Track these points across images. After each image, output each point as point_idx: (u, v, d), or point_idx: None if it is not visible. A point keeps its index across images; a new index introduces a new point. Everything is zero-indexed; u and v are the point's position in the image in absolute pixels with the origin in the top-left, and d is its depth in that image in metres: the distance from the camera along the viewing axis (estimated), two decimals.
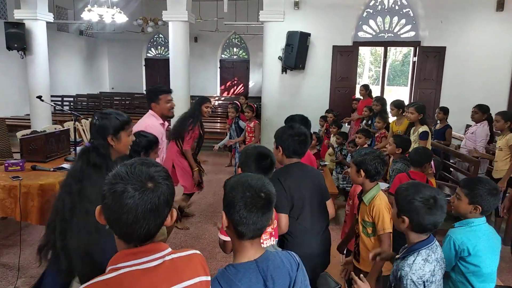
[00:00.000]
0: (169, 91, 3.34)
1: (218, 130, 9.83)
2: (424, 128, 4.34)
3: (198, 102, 4.26)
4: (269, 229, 1.94)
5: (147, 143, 2.62)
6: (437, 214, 1.58)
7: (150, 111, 3.34)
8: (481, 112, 4.71)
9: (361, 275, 1.76)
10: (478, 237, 1.92)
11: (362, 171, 2.20)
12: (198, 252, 1.15)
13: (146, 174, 1.00)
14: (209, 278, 1.13)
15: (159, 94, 3.28)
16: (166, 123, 3.46)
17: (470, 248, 1.88)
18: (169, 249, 1.07)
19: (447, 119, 5.34)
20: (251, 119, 5.67)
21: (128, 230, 0.98)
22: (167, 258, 1.05)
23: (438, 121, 5.41)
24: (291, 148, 2.24)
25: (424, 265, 1.57)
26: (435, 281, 1.59)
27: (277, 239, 2.04)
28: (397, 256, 1.73)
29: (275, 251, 1.30)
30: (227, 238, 1.78)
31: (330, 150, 5.63)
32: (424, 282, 1.55)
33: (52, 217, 1.79)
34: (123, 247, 1.03)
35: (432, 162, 3.38)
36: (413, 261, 1.57)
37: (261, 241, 1.71)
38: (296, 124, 2.36)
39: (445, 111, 5.28)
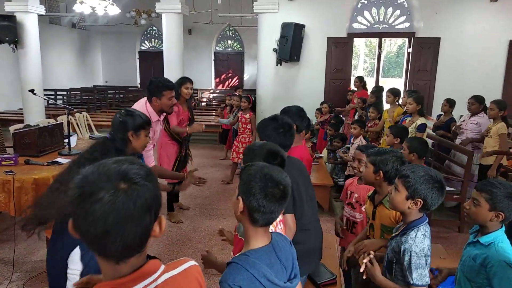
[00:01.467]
0: (174, 87, 3.26)
1: (214, 123, 9.80)
2: (422, 120, 4.36)
3: (177, 83, 4.10)
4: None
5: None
6: (443, 195, 1.68)
7: (146, 103, 3.24)
8: (477, 103, 4.73)
9: (371, 256, 1.77)
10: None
11: (381, 172, 2.07)
12: (193, 263, 1.03)
13: (117, 173, 0.81)
14: None
15: (163, 89, 3.18)
16: (162, 117, 3.40)
17: None
18: (162, 268, 0.92)
19: (452, 112, 5.32)
20: (246, 110, 5.68)
21: (100, 243, 0.79)
22: (160, 280, 0.89)
23: (443, 113, 5.38)
24: (277, 142, 2.06)
25: (424, 239, 1.66)
26: (430, 255, 1.68)
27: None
28: (395, 234, 1.78)
29: (272, 232, 1.38)
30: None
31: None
32: (425, 254, 1.64)
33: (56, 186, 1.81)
34: (105, 267, 0.85)
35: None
36: (415, 235, 1.66)
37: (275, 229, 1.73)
38: (279, 115, 2.26)
39: (452, 103, 5.21)
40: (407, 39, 7.88)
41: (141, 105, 3.25)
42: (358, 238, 2.32)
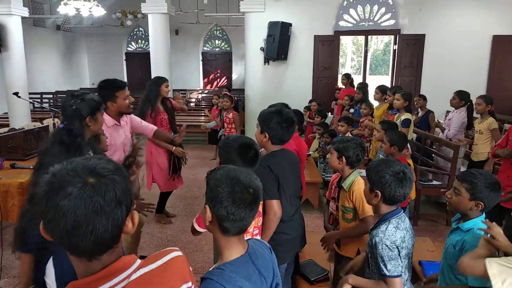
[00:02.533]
0: (125, 85, 3.00)
1: (202, 123, 9.77)
2: (407, 115, 4.40)
3: (155, 82, 3.97)
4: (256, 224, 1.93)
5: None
6: (407, 186, 1.71)
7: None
8: (458, 98, 4.81)
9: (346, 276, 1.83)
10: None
11: (343, 157, 2.23)
12: (177, 254, 1.00)
13: (85, 168, 0.81)
14: (189, 284, 0.99)
15: (115, 90, 2.92)
16: (125, 119, 3.16)
17: None
18: (137, 263, 0.89)
19: (426, 105, 5.45)
20: (229, 110, 5.64)
21: (70, 239, 0.78)
22: (134, 276, 0.86)
23: (419, 109, 5.49)
24: (279, 136, 2.14)
25: (396, 231, 1.69)
26: (406, 247, 1.71)
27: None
28: (370, 228, 1.85)
29: (249, 239, 1.30)
30: (202, 230, 1.80)
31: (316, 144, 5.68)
32: (397, 246, 1.67)
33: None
34: (78, 265, 0.84)
35: (408, 144, 3.44)
36: (386, 228, 1.71)
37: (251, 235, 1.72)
38: (284, 109, 2.23)
39: (424, 97, 5.41)
40: (392, 36, 7.96)
41: None
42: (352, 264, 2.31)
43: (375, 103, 5.44)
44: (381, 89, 5.20)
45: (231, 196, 1.13)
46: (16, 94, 4.25)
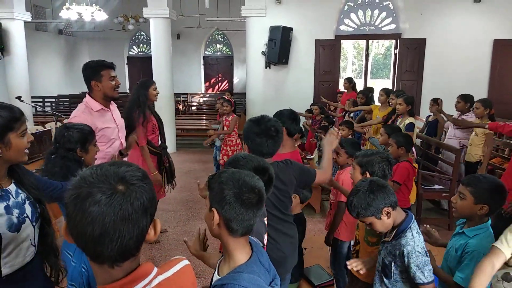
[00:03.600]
0: (112, 66, 2.75)
1: (204, 127, 9.79)
2: (411, 119, 4.39)
3: (142, 85, 3.58)
4: None
5: (81, 135, 2.09)
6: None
7: (85, 99, 2.75)
8: (463, 101, 4.81)
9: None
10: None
11: (367, 173, 2.08)
12: (186, 262, 1.01)
13: (115, 175, 0.81)
14: None
15: (101, 69, 2.67)
16: (113, 106, 2.89)
17: None
18: (155, 270, 0.90)
19: (439, 110, 5.38)
20: (229, 114, 5.65)
21: (96, 246, 0.78)
22: (154, 283, 0.88)
23: (431, 113, 5.44)
24: (258, 149, 1.90)
25: (419, 236, 1.69)
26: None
27: None
28: (386, 239, 1.76)
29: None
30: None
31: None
32: (425, 252, 1.67)
33: None
34: (98, 272, 0.84)
35: (413, 148, 3.45)
36: (411, 236, 1.67)
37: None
38: (265, 117, 2.00)
39: (438, 102, 5.30)
40: (393, 41, 7.99)
41: (80, 107, 2.75)
42: (332, 226, 2.45)
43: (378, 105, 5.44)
44: (386, 92, 5.22)
45: (240, 197, 1.15)
46: (18, 98, 4.28)
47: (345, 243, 2.58)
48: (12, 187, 1.54)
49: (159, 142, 3.77)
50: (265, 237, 1.70)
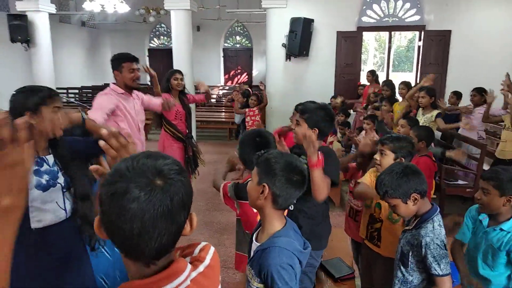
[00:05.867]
0: (135, 60, 3.05)
1: (223, 119, 9.84)
2: (436, 111, 4.37)
3: (166, 77, 3.93)
4: None
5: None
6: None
7: (110, 84, 3.09)
8: (479, 94, 4.76)
9: None
10: None
11: (402, 159, 2.12)
12: (213, 250, 0.98)
13: (153, 169, 0.77)
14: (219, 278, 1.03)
15: (122, 61, 2.99)
16: (135, 93, 3.18)
17: None
18: (189, 267, 0.87)
19: (459, 104, 5.30)
20: (256, 107, 5.94)
21: (134, 244, 0.75)
22: (189, 279, 0.85)
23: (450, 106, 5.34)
24: (326, 131, 2.15)
25: (441, 229, 1.70)
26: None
27: None
28: (408, 228, 1.80)
29: None
30: (222, 198, 2.14)
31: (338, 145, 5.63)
32: (445, 244, 1.69)
33: None
34: (133, 269, 0.81)
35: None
36: (433, 227, 1.69)
37: None
38: (327, 104, 2.24)
39: (458, 95, 5.24)
40: (417, 32, 7.80)
41: (104, 90, 3.06)
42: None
43: (400, 99, 5.35)
44: (407, 85, 5.14)
45: (289, 178, 1.37)
46: None
47: None
48: (50, 157, 1.76)
49: (187, 131, 4.00)
50: None
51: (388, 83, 5.73)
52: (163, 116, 3.89)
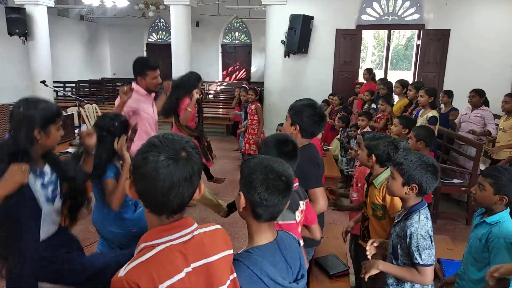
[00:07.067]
0: (157, 67, 3.28)
1: (220, 116, 9.84)
2: (433, 112, 4.32)
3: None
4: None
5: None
6: (438, 178, 1.77)
7: (133, 83, 3.28)
8: (478, 96, 4.77)
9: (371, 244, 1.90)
10: None
11: (373, 155, 2.20)
12: (219, 226, 1.18)
13: (179, 144, 1.00)
14: (231, 251, 1.15)
15: (147, 69, 3.22)
16: (153, 94, 3.45)
17: None
18: (196, 224, 1.09)
19: (451, 103, 5.31)
20: (253, 102, 5.69)
21: (163, 199, 0.98)
22: (196, 233, 1.07)
23: (443, 105, 5.38)
24: (310, 130, 2.12)
25: (427, 221, 1.76)
26: (432, 235, 1.78)
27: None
28: (397, 220, 1.86)
29: (279, 231, 1.33)
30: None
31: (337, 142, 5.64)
32: (430, 236, 1.73)
33: None
34: (155, 222, 1.03)
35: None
36: (418, 218, 1.75)
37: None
38: (317, 103, 2.21)
39: (450, 94, 5.24)
40: (416, 31, 7.81)
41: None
42: (356, 219, 2.49)
43: (396, 98, 5.36)
44: (402, 83, 5.14)
45: (265, 183, 1.19)
46: (43, 82, 4.36)
47: None
48: (46, 168, 1.84)
49: (197, 125, 4.34)
50: (297, 213, 1.75)
51: (385, 81, 5.74)
52: (178, 116, 4.02)
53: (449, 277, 2.17)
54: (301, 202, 1.79)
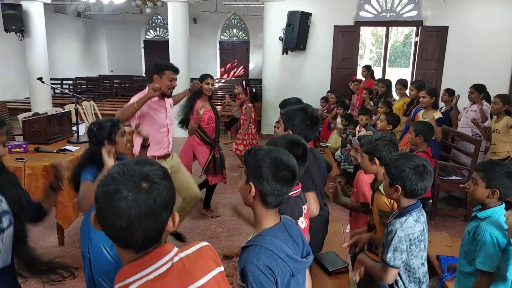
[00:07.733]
0: (176, 70, 3.24)
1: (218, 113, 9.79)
2: (438, 114, 4.33)
3: (199, 80, 4.11)
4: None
5: (103, 128, 2.14)
6: (427, 179, 1.69)
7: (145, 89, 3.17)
8: (477, 92, 4.76)
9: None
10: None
11: (376, 159, 2.10)
12: (205, 243, 1.08)
13: (140, 174, 0.89)
14: (222, 268, 1.08)
15: (165, 68, 3.18)
16: (166, 100, 3.33)
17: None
18: (175, 249, 0.99)
19: (452, 101, 5.29)
20: (244, 102, 5.67)
21: (123, 236, 0.89)
22: (175, 259, 0.97)
23: (443, 104, 5.36)
24: (303, 134, 2.03)
25: (415, 225, 1.70)
26: (424, 240, 1.75)
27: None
28: (389, 221, 1.82)
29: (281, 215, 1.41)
30: None
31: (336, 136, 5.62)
32: (410, 240, 1.69)
33: None
34: (126, 257, 0.95)
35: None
36: (405, 220, 1.71)
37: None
38: (309, 107, 2.17)
39: (451, 93, 5.21)
40: (414, 28, 7.81)
41: (144, 90, 3.21)
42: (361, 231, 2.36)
43: (395, 96, 5.36)
44: (404, 84, 5.15)
45: (276, 174, 1.26)
46: (40, 79, 4.31)
47: None
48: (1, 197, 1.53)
49: (214, 135, 4.17)
50: (301, 219, 1.73)
51: (383, 80, 5.74)
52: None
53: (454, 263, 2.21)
54: (303, 207, 1.79)
